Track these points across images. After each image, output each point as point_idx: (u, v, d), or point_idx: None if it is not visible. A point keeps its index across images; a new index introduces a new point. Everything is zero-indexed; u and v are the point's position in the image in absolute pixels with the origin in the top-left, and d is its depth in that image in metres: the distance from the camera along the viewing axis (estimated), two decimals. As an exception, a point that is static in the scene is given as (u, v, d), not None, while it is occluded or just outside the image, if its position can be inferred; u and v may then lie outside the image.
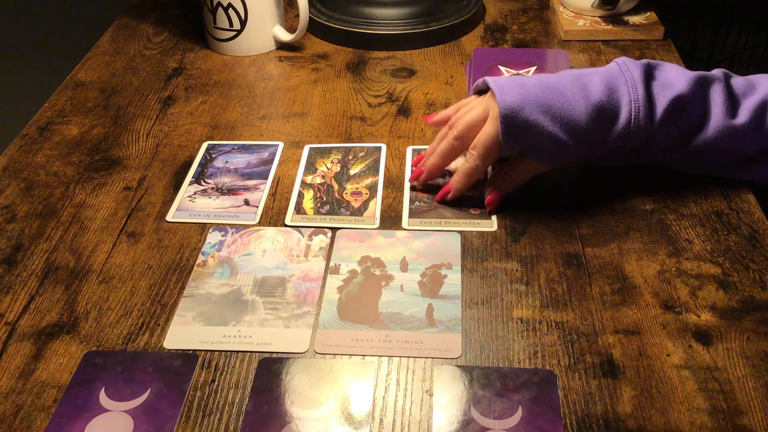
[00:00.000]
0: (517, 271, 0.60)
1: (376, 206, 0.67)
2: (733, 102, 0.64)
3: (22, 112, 0.93)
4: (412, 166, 0.71)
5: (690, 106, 0.63)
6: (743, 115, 0.63)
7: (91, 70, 0.91)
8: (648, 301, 0.57)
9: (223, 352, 0.54)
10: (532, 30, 0.98)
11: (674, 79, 0.63)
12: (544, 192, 0.68)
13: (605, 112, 0.61)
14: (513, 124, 0.61)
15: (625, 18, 0.96)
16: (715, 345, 0.53)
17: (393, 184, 0.70)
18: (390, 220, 0.66)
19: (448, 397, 0.50)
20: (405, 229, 0.64)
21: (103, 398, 0.50)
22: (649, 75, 0.63)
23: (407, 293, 0.58)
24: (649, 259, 0.60)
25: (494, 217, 0.65)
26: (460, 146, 0.65)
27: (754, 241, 0.62)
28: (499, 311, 0.56)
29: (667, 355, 0.52)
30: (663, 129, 0.63)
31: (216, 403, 0.50)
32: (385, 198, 0.68)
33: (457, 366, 0.52)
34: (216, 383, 0.52)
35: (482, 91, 0.66)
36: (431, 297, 0.58)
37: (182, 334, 0.55)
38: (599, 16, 0.96)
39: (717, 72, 0.65)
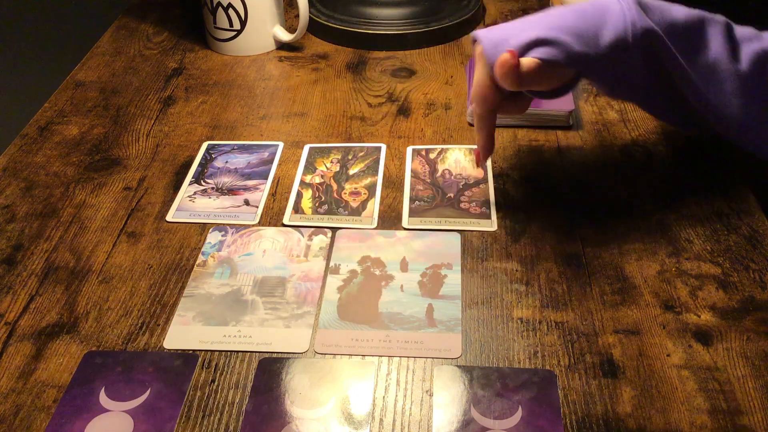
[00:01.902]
0: (517, 271, 0.60)
1: (374, 206, 0.67)
2: (733, 44, 0.62)
3: (22, 112, 0.93)
4: (478, 164, 0.69)
5: (689, 33, 0.61)
6: (744, 61, 0.61)
7: (91, 70, 0.91)
8: (648, 301, 0.57)
9: (223, 352, 0.54)
10: (532, 30, 0.97)
11: (672, 6, 0.62)
12: (544, 192, 0.68)
13: (593, 10, 0.60)
14: (491, 38, 0.60)
15: (625, 18, 0.96)
16: (715, 345, 0.53)
17: (393, 184, 0.70)
18: (389, 220, 0.66)
19: (448, 397, 0.50)
20: (405, 229, 0.64)
21: (103, 398, 0.50)
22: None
23: (407, 293, 0.58)
24: (649, 259, 0.60)
25: (494, 217, 0.65)
26: (482, 112, 0.63)
27: (754, 241, 0.62)
28: (499, 311, 0.56)
29: (667, 355, 0.52)
30: (673, 38, 0.60)
31: (216, 403, 0.50)
32: (384, 198, 0.68)
33: (457, 366, 0.52)
34: (216, 383, 0.52)
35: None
36: (431, 297, 0.58)
37: (182, 334, 0.55)
38: (599, 16, 0.96)
39: (717, 16, 0.63)
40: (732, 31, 0.62)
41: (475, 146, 0.64)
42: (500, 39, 0.60)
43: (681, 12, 0.61)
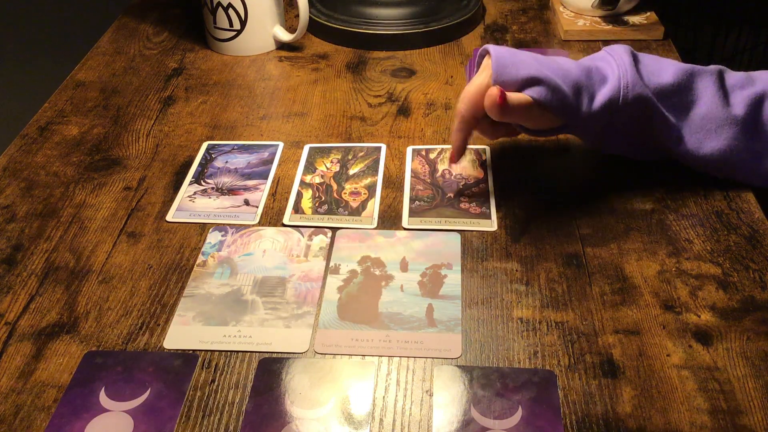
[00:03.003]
0: (517, 271, 0.60)
1: (374, 206, 0.67)
2: (725, 92, 0.64)
3: (22, 112, 0.93)
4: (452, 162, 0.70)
5: (680, 91, 0.64)
6: (738, 107, 0.64)
7: (91, 70, 0.91)
8: (648, 301, 0.57)
9: (223, 352, 0.54)
10: (532, 30, 0.98)
11: (661, 67, 0.65)
12: (544, 192, 0.68)
13: (594, 70, 0.64)
14: (505, 56, 0.62)
15: (625, 18, 0.96)
16: (715, 345, 0.53)
17: (393, 184, 0.70)
18: (389, 219, 0.66)
19: (448, 397, 0.50)
20: (405, 229, 0.64)
21: (103, 398, 0.50)
22: (636, 56, 0.65)
23: (407, 293, 0.58)
24: (649, 259, 0.60)
25: (494, 217, 0.65)
26: (467, 116, 0.64)
27: (754, 241, 0.62)
28: (499, 311, 0.56)
29: (667, 355, 0.52)
30: (664, 99, 0.63)
31: (216, 403, 0.50)
32: (384, 198, 0.68)
33: (457, 366, 0.52)
34: (216, 383, 0.52)
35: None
36: (431, 297, 0.58)
37: (182, 334, 0.55)
38: (599, 16, 0.96)
39: (708, 66, 0.66)
40: (724, 81, 0.65)
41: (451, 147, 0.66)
42: (509, 63, 0.62)
43: (671, 71, 0.64)
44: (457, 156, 0.66)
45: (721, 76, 0.65)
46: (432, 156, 0.73)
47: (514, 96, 0.61)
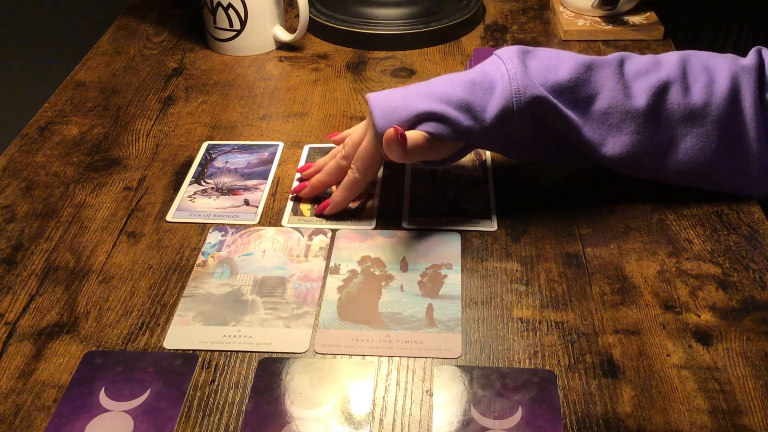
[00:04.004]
0: (517, 271, 0.60)
1: (373, 207, 0.67)
2: (625, 83, 0.61)
3: (22, 112, 0.93)
4: (298, 172, 0.71)
5: (578, 85, 0.61)
6: (640, 97, 0.61)
7: (91, 70, 0.91)
8: (648, 301, 0.57)
9: (223, 352, 0.54)
10: (532, 30, 0.98)
11: (556, 62, 0.61)
12: (544, 192, 0.68)
13: (480, 83, 0.60)
14: (383, 112, 0.60)
15: (625, 18, 0.96)
16: (715, 345, 0.53)
17: (392, 184, 0.70)
18: (389, 220, 0.66)
19: (448, 397, 0.50)
20: (405, 229, 0.64)
21: (103, 398, 0.50)
22: (526, 55, 0.62)
23: (407, 293, 0.58)
24: (649, 259, 0.60)
25: (494, 217, 0.65)
26: (346, 166, 0.64)
27: (754, 241, 0.62)
28: (499, 311, 0.56)
29: (667, 355, 0.52)
30: (562, 95, 0.60)
31: (216, 403, 0.50)
32: (384, 198, 0.68)
33: (457, 366, 0.52)
34: (216, 383, 0.52)
35: None
36: (431, 297, 0.58)
37: (182, 334, 0.55)
38: (599, 16, 0.96)
39: (609, 56, 0.63)
40: (624, 70, 0.62)
41: (329, 197, 0.65)
42: (391, 109, 0.60)
43: (567, 65, 0.61)
44: (333, 210, 0.65)
45: (621, 64, 0.62)
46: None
47: (410, 135, 0.59)
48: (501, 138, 0.63)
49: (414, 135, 0.59)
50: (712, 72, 0.62)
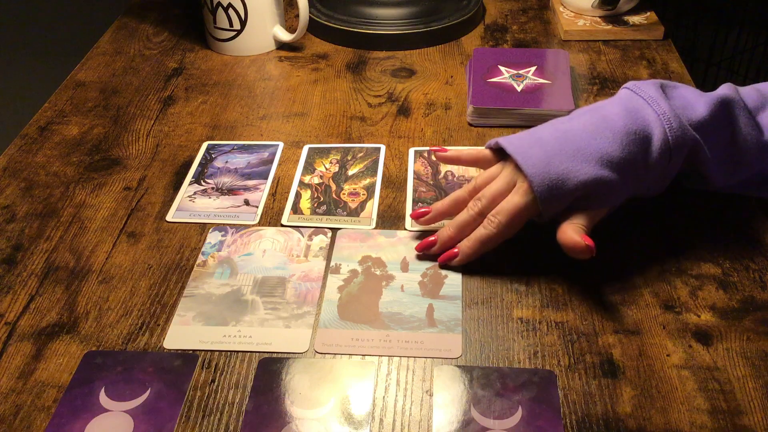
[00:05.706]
0: (517, 271, 0.60)
1: (373, 207, 0.67)
2: (753, 119, 0.61)
3: (22, 112, 0.94)
4: (413, 217, 0.63)
5: (718, 123, 0.60)
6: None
7: (91, 70, 0.91)
8: (648, 301, 0.57)
9: (223, 352, 0.54)
10: (532, 30, 0.98)
11: (692, 99, 0.60)
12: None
13: (636, 134, 0.58)
14: (545, 181, 0.56)
15: (625, 18, 0.96)
16: (715, 345, 0.53)
17: (392, 184, 0.70)
18: (389, 220, 0.66)
19: (448, 397, 0.50)
20: (408, 230, 0.64)
21: (103, 398, 0.50)
22: (664, 92, 0.60)
23: (408, 293, 0.58)
24: (649, 259, 0.60)
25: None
26: (481, 221, 0.59)
27: (754, 241, 0.62)
28: (499, 311, 0.56)
29: (667, 355, 0.52)
30: (704, 136, 0.59)
31: (216, 403, 0.50)
32: (384, 198, 0.68)
33: (457, 366, 0.52)
34: (216, 383, 0.52)
35: (495, 150, 0.63)
36: (431, 297, 0.58)
37: (182, 334, 0.55)
38: (599, 16, 0.96)
39: (728, 91, 0.61)
40: (747, 106, 0.61)
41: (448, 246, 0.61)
42: (552, 180, 0.56)
43: (702, 104, 0.60)
44: (461, 263, 0.60)
45: (744, 101, 0.61)
46: (434, 157, 0.73)
47: (588, 227, 0.57)
48: (651, 183, 0.62)
49: (590, 224, 0.58)
50: None
